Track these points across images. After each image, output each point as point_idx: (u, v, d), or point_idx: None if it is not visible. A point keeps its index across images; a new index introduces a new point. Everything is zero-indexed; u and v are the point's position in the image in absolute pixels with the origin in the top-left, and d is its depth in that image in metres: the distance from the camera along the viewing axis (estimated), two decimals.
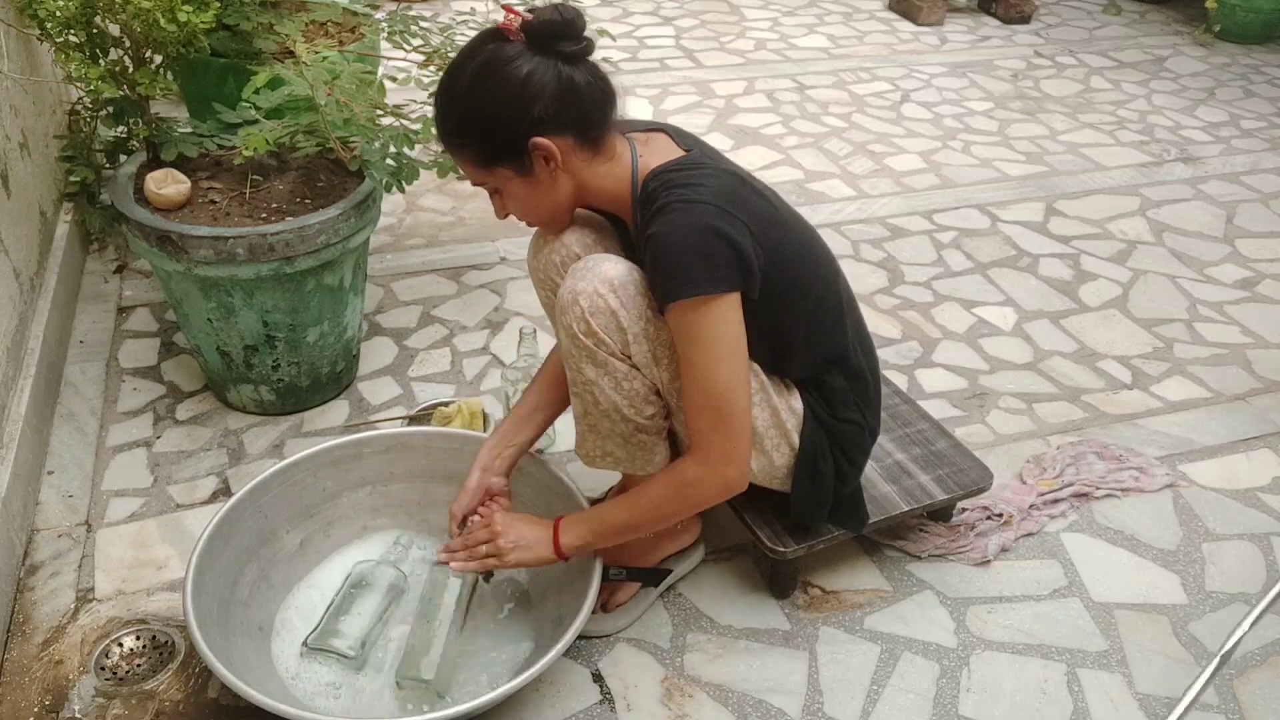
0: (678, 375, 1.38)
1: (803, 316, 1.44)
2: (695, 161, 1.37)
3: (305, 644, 1.53)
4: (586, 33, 1.32)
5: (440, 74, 2.15)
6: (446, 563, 1.51)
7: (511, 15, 1.30)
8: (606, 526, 1.46)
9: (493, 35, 1.32)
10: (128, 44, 1.90)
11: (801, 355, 1.48)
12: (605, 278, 1.35)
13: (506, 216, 1.46)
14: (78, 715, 1.48)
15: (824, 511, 1.58)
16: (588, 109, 1.33)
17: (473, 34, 1.38)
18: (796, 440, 1.51)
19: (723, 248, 1.28)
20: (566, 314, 1.37)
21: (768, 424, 1.48)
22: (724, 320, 1.31)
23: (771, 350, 1.46)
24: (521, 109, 1.29)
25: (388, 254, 2.68)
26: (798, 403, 1.51)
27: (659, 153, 1.40)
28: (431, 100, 1.51)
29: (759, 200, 1.37)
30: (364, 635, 1.53)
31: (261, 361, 1.98)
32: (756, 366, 1.45)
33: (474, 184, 1.42)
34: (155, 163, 1.98)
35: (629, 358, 1.38)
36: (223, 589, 1.51)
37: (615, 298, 1.35)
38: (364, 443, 1.72)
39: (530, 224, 1.50)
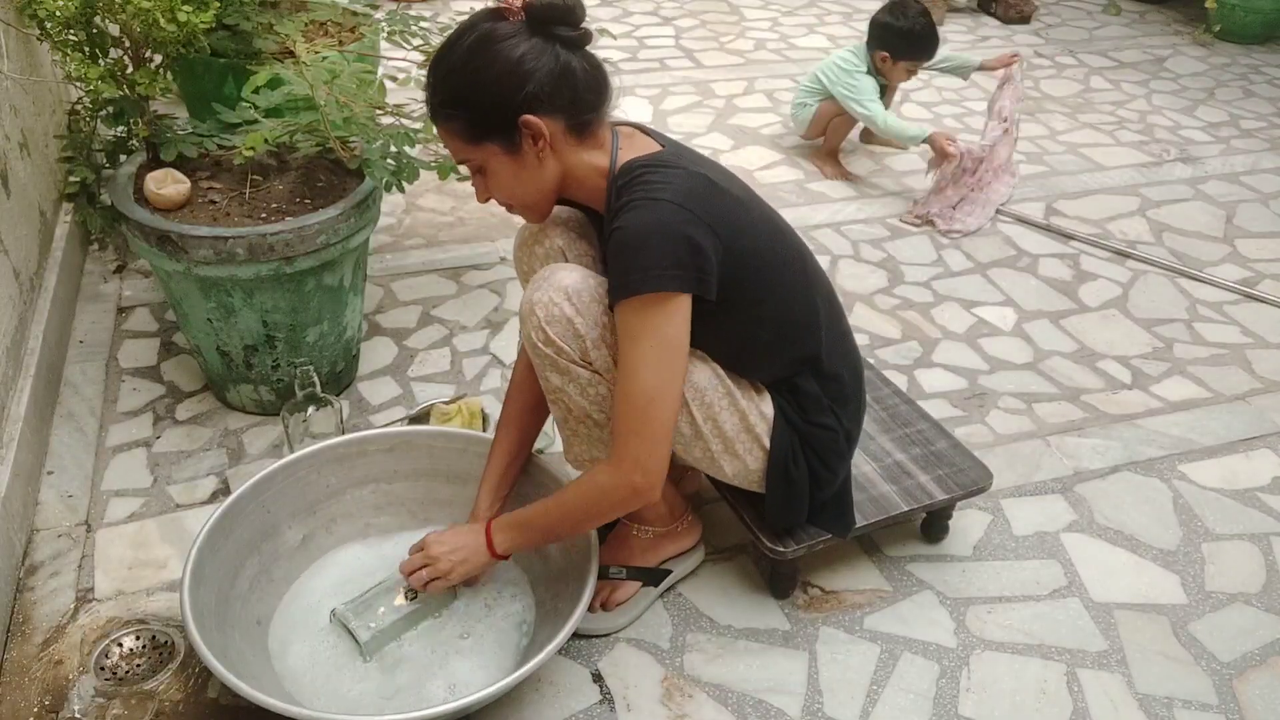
0: None
1: (769, 317, 1.43)
2: (665, 160, 1.36)
3: (334, 612, 1.56)
4: (585, 24, 1.32)
5: None
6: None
7: None
8: (534, 531, 1.48)
9: (491, 13, 1.32)
10: (127, 44, 1.90)
11: (769, 357, 1.47)
12: (560, 286, 1.37)
13: (488, 200, 1.43)
14: (77, 715, 1.48)
15: (800, 516, 1.58)
16: (582, 94, 1.33)
17: None
18: (768, 444, 1.50)
19: (680, 247, 1.28)
20: (525, 324, 1.40)
21: (737, 428, 1.47)
22: (668, 322, 1.30)
23: (736, 352, 1.45)
24: (515, 85, 1.29)
25: (388, 254, 2.68)
26: (768, 406, 1.50)
27: (637, 148, 1.40)
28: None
29: (726, 200, 1.36)
30: (389, 630, 1.54)
31: (261, 361, 1.98)
32: (721, 371, 1.45)
33: (457, 160, 1.40)
34: (155, 163, 1.98)
35: (590, 364, 1.39)
36: (222, 582, 1.51)
37: (570, 305, 1.36)
38: (368, 440, 1.73)
39: (512, 208, 1.46)
